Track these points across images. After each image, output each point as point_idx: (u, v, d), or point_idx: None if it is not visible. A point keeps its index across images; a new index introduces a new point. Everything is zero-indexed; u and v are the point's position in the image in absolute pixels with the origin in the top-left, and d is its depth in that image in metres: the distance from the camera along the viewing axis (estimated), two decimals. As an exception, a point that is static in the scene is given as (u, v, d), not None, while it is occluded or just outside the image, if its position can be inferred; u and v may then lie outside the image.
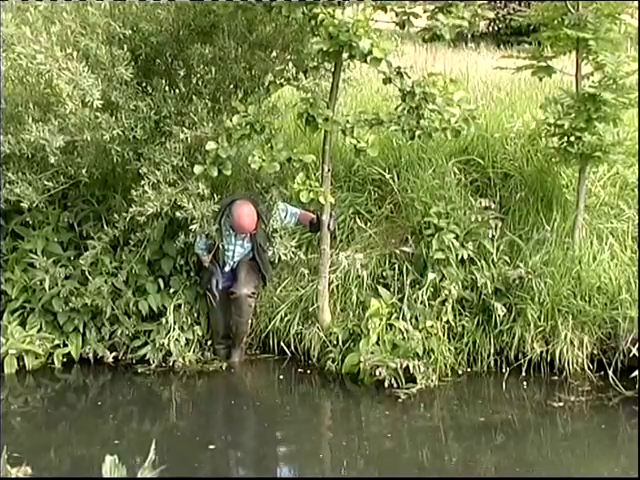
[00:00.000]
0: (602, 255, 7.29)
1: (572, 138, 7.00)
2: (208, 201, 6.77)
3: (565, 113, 6.98)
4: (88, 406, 7.01)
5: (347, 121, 6.76)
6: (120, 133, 6.64)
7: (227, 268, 7.43)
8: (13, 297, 7.41)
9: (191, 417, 6.86)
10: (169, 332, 7.33)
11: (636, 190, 7.60)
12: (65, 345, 7.44)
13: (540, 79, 7.48)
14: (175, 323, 7.36)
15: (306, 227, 7.46)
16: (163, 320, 7.36)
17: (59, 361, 7.38)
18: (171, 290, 7.45)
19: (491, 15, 7.48)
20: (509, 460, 5.95)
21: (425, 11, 6.67)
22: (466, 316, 7.26)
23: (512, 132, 8.00)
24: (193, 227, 6.77)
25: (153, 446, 1.80)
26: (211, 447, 6.03)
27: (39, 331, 7.35)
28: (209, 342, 7.60)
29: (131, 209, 6.69)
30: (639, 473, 5.24)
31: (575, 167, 7.40)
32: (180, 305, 7.43)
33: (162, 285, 7.45)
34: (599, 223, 7.53)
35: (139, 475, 1.75)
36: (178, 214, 6.74)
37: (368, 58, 6.26)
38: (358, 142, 6.74)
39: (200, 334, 7.51)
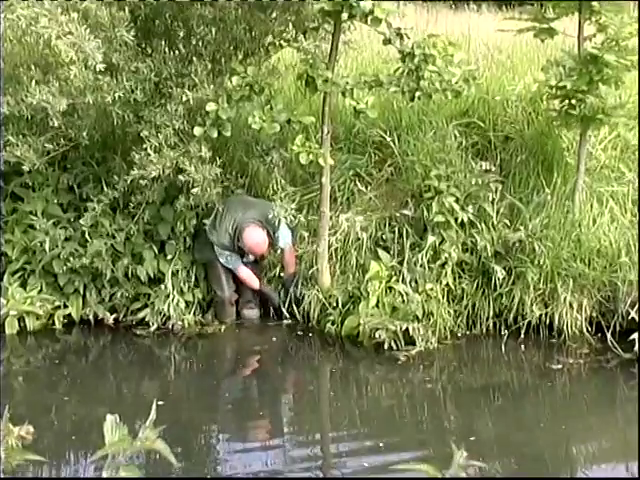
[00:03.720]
0: (602, 218, 7.29)
1: (574, 100, 6.97)
2: (209, 164, 6.76)
3: (567, 75, 6.92)
4: (89, 367, 7.06)
5: (347, 83, 6.73)
6: (121, 95, 6.60)
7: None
8: (13, 259, 7.42)
9: (190, 378, 6.90)
10: (168, 297, 7.35)
11: (637, 153, 7.58)
12: (65, 306, 7.47)
13: (542, 41, 7.42)
14: (174, 288, 7.37)
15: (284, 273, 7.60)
16: (162, 285, 7.37)
17: (60, 322, 7.41)
18: (168, 256, 7.45)
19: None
20: (507, 422, 5.99)
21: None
22: (466, 279, 7.28)
23: (513, 95, 7.94)
24: (194, 190, 6.76)
25: (154, 406, 1.81)
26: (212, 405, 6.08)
27: (40, 292, 7.38)
28: (209, 304, 7.63)
29: (133, 172, 6.67)
30: (639, 435, 5.27)
31: (576, 130, 7.38)
32: (178, 270, 7.43)
33: (159, 250, 7.46)
34: (599, 186, 7.52)
35: (140, 434, 1.77)
36: (180, 177, 6.73)
37: (368, 18, 6.21)
38: (357, 103, 6.71)
39: (200, 297, 7.53)
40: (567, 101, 7.05)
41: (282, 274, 7.59)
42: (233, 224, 7.21)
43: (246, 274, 7.48)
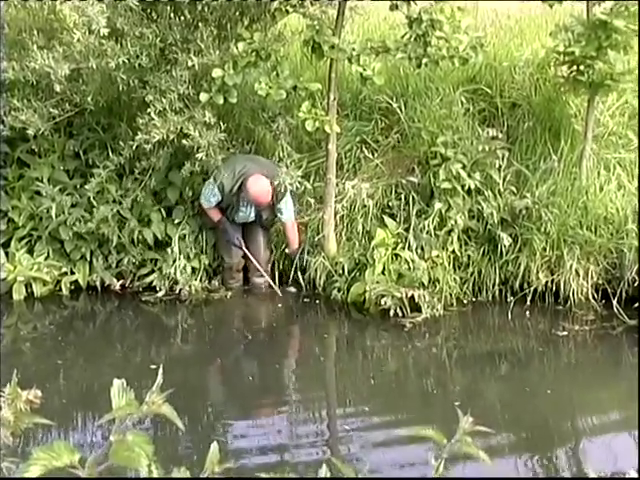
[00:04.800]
0: (609, 185, 7.27)
1: (582, 66, 6.91)
2: (214, 129, 6.74)
3: (575, 41, 6.87)
4: (96, 332, 7.10)
5: (353, 49, 6.70)
6: (125, 61, 6.57)
7: (240, 220, 7.47)
8: (20, 225, 7.44)
9: (197, 344, 6.94)
10: (175, 261, 7.36)
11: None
12: (72, 273, 7.49)
13: (550, 6, 7.36)
14: (180, 253, 7.39)
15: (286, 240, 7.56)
16: (169, 250, 7.38)
17: (67, 288, 7.43)
18: (176, 221, 7.46)
19: None
20: (513, 388, 6.02)
21: None
22: (472, 246, 7.28)
23: (521, 61, 7.89)
24: (199, 156, 6.75)
25: (161, 370, 1.82)
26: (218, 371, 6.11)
27: (46, 259, 7.40)
28: (216, 271, 7.64)
29: (137, 137, 6.66)
30: (639, 400, 5.29)
31: (584, 96, 7.33)
32: (185, 235, 7.44)
33: (167, 214, 7.47)
34: (607, 153, 7.49)
35: (147, 398, 1.78)
36: (184, 142, 6.72)
37: (375, -17, 6.17)
38: (364, 70, 6.68)
39: (206, 263, 7.54)
40: (575, 67, 6.99)
41: (286, 250, 7.58)
42: (241, 169, 7.12)
43: (210, 210, 7.37)
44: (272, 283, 7.49)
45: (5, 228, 7.45)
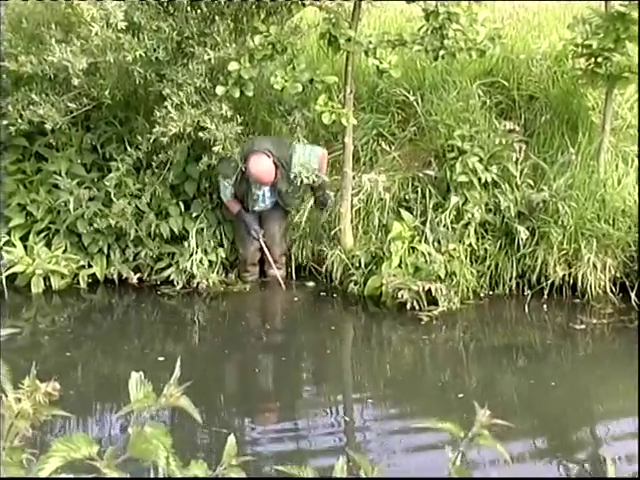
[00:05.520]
0: (627, 178, 7.24)
1: (600, 59, 6.88)
2: (231, 122, 6.75)
3: (593, 33, 6.83)
4: (114, 325, 7.12)
5: (370, 42, 6.69)
6: (142, 54, 6.59)
7: (257, 208, 7.42)
8: (38, 218, 7.48)
9: (214, 337, 6.95)
10: (192, 255, 7.38)
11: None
12: (90, 266, 7.52)
13: (568, -2, 7.33)
14: (198, 246, 7.40)
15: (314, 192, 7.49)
16: (186, 243, 7.40)
17: (84, 282, 7.46)
18: (194, 214, 7.47)
19: None
20: (530, 382, 6.00)
21: None
22: (489, 239, 7.26)
23: (538, 53, 7.86)
24: (216, 149, 6.76)
25: (178, 363, 1.83)
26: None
27: (64, 252, 7.43)
28: (233, 264, 7.66)
29: (154, 130, 6.68)
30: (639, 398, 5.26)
31: (602, 89, 7.29)
32: (203, 228, 7.46)
33: (185, 208, 7.48)
34: (625, 146, 7.45)
35: (165, 391, 1.79)
36: (201, 135, 6.73)
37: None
38: (381, 63, 6.68)
39: (223, 256, 7.55)
40: (593, 59, 6.95)
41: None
42: (241, 152, 7.03)
43: (229, 203, 7.38)
44: (280, 279, 7.49)
45: (24, 221, 7.49)
